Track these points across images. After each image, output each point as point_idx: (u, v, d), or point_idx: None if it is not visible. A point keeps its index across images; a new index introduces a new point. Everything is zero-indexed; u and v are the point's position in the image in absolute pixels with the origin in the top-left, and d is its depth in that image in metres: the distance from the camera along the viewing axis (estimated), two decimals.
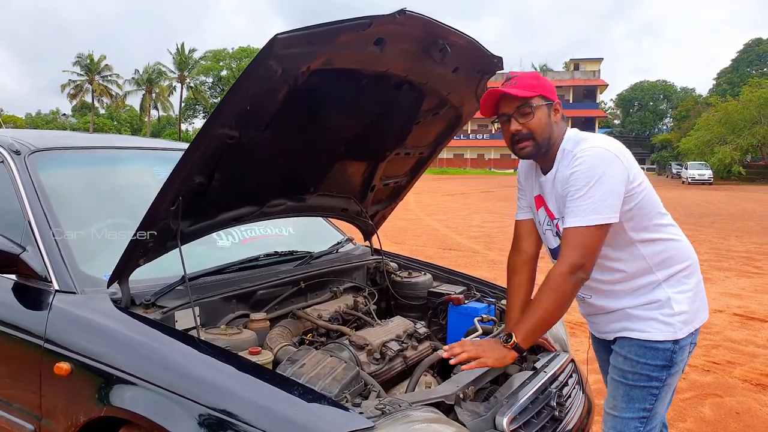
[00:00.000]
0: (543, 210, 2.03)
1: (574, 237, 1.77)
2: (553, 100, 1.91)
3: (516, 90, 1.86)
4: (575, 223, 1.77)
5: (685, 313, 1.88)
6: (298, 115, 2.01)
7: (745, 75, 61.27)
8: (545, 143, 1.90)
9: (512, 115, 1.88)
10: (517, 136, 1.89)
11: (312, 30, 1.64)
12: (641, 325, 1.88)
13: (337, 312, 2.28)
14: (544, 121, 1.88)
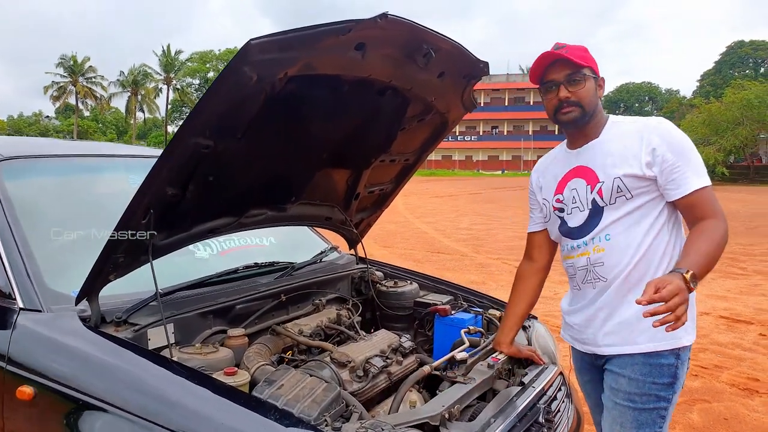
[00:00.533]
0: (577, 182, 1.93)
1: (709, 195, 1.77)
2: (598, 75, 1.90)
3: (571, 56, 1.82)
4: (705, 182, 1.76)
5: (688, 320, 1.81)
6: (277, 123, 1.93)
7: (728, 77, 62.07)
8: (590, 113, 1.87)
9: (562, 83, 1.84)
10: (565, 102, 1.85)
11: (289, 35, 1.56)
12: (641, 336, 1.81)
13: (319, 326, 2.19)
14: (592, 92, 1.86)
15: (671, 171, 1.76)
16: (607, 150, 1.87)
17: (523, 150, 65.93)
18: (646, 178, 1.79)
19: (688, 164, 1.77)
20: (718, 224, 1.72)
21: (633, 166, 1.80)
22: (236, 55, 1.49)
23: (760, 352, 4.91)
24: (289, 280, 2.43)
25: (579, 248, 1.94)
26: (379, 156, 2.57)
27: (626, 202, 1.83)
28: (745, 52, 67.92)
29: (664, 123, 1.83)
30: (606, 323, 1.89)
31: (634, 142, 1.82)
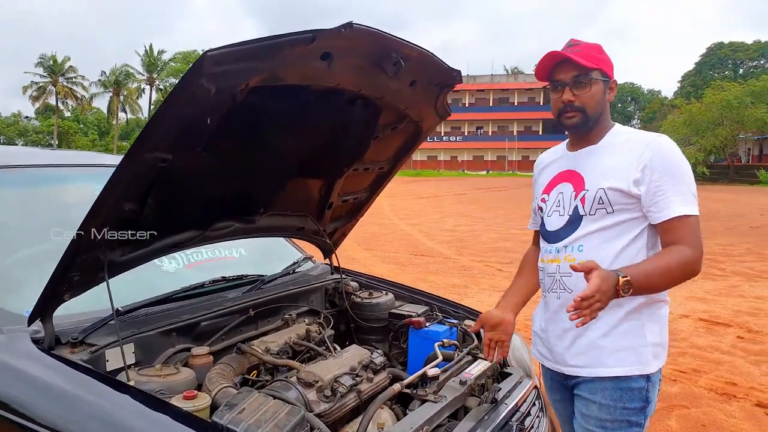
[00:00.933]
0: (565, 186, 1.89)
1: (696, 226, 1.70)
2: (611, 77, 1.83)
3: (579, 57, 1.74)
4: (691, 211, 1.69)
5: (656, 346, 1.78)
6: (242, 134, 1.87)
7: (708, 78, 62.88)
8: (594, 118, 1.81)
9: (567, 84, 1.78)
10: (568, 106, 1.79)
11: (248, 46, 1.51)
12: (610, 359, 1.76)
13: (287, 343, 2.12)
14: (598, 97, 1.79)
15: (656, 192, 1.70)
16: (600, 158, 1.82)
17: (507, 150, 66.22)
18: (631, 195, 1.73)
19: (677, 189, 1.70)
20: (686, 252, 1.66)
21: (620, 180, 1.74)
22: (192, 67, 1.42)
23: (737, 355, 4.93)
24: (259, 293, 2.37)
25: (551, 253, 1.90)
26: (352, 165, 2.51)
27: (606, 215, 1.77)
28: (725, 53, 68.86)
29: (664, 142, 1.76)
30: (574, 343, 1.84)
31: (629, 156, 1.75)
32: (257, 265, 2.66)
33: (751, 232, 13.78)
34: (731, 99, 39.21)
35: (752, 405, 3.90)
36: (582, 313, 1.48)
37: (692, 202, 1.70)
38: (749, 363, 4.73)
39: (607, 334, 1.77)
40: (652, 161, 1.71)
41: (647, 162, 1.71)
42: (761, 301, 6.83)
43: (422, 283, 7.94)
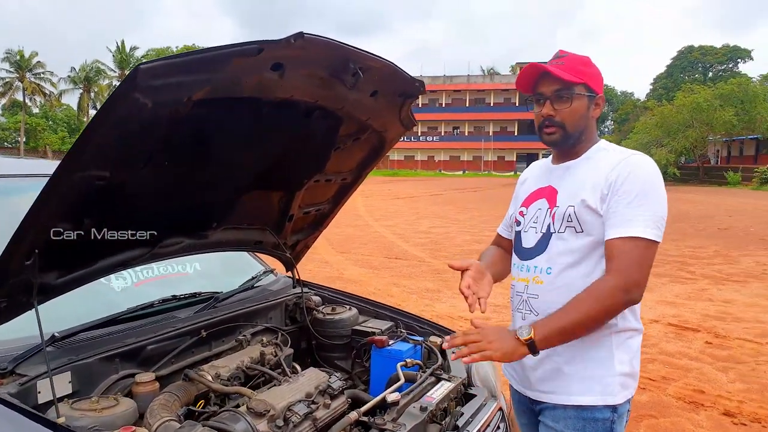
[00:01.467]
0: (542, 202, 1.81)
1: (635, 249, 1.55)
2: (597, 92, 1.73)
3: (561, 71, 1.66)
4: (640, 233, 1.55)
5: (625, 376, 1.70)
6: (188, 149, 1.76)
7: (679, 80, 64.01)
8: (575, 135, 1.73)
9: (548, 98, 1.70)
10: (547, 120, 1.72)
11: (189, 58, 1.41)
12: (575, 387, 1.69)
13: (240, 368, 2.01)
14: (580, 112, 1.71)
15: (609, 212, 1.61)
16: (576, 174, 1.75)
17: (483, 151, 66.56)
18: (598, 214, 1.64)
19: (629, 211, 1.57)
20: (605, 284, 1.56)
21: (588, 197, 1.65)
22: (124, 80, 1.32)
23: (705, 361, 4.95)
24: (213, 312, 2.25)
25: (521, 271, 1.84)
26: (313, 177, 2.42)
27: (575, 234, 1.69)
28: (695, 57, 70.15)
29: (636, 160, 1.65)
30: (540, 367, 1.76)
31: (602, 172, 1.66)
32: (213, 281, 2.55)
33: (719, 234, 13.99)
34: (701, 102, 39.89)
35: (720, 414, 3.89)
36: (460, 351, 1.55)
37: (642, 224, 1.55)
38: (717, 370, 4.75)
39: (573, 360, 1.70)
40: (617, 179, 1.62)
41: (613, 179, 1.62)
42: (728, 304, 6.89)
43: (395, 287, 7.86)
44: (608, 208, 1.61)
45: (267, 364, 2.12)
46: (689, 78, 64.84)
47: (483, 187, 36.96)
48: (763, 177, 33.53)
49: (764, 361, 4.94)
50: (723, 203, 23.33)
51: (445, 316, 6.33)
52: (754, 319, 6.26)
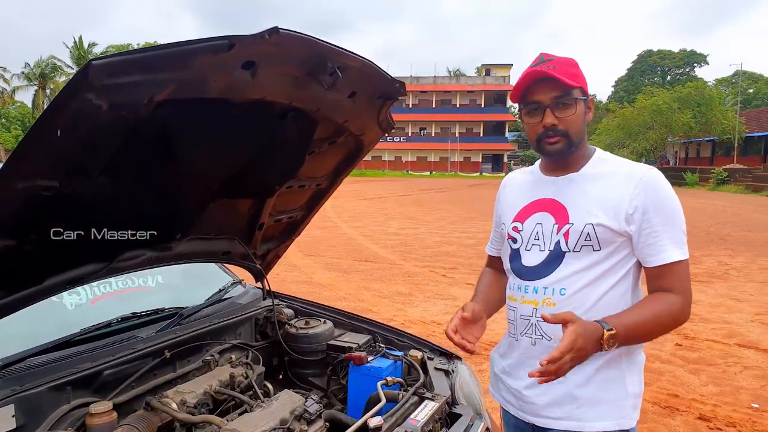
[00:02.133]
0: (544, 217, 1.67)
1: (684, 270, 1.55)
2: (588, 95, 1.63)
3: (562, 75, 1.52)
4: (683, 255, 1.54)
5: (636, 397, 1.62)
6: (148, 156, 1.60)
7: (639, 84, 65.69)
8: (577, 142, 1.62)
9: (548, 106, 1.56)
10: (551, 131, 1.58)
11: (150, 54, 1.24)
12: (589, 412, 1.59)
13: (207, 393, 1.85)
14: (581, 118, 1.60)
15: (650, 234, 1.54)
16: (586, 189, 1.62)
17: (450, 151, 66.91)
18: (621, 234, 1.56)
19: (671, 231, 1.54)
20: (675, 301, 1.53)
21: (611, 217, 1.55)
22: (73, 79, 1.15)
23: (677, 364, 4.94)
24: (177, 330, 2.08)
25: (527, 293, 1.68)
26: (285, 183, 2.27)
27: (592, 253, 1.58)
28: (654, 60, 72.02)
29: (656, 177, 1.57)
30: (548, 392, 1.64)
31: (619, 190, 1.56)
32: (177, 295, 2.38)
33: None
34: (661, 104, 40.88)
35: (695, 418, 3.86)
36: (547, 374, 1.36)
37: (684, 243, 1.56)
38: (689, 372, 4.74)
39: (586, 384, 1.60)
40: (645, 199, 1.54)
41: (641, 199, 1.54)
42: (694, 305, 6.80)
43: (366, 291, 7.72)
44: (645, 230, 1.55)
45: (237, 387, 1.96)
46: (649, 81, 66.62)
47: (450, 187, 37.10)
48: (719, 178, 34.48)
49: (733, 363, 4.97)
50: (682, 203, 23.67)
51: (418, 321, 6.22)
52: (720, 319, 6.32)
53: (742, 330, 5.94)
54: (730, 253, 11.06)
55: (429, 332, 5.70)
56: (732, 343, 5.50)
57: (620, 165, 1.64)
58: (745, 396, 4.28)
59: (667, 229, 1.54)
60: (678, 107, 40.65)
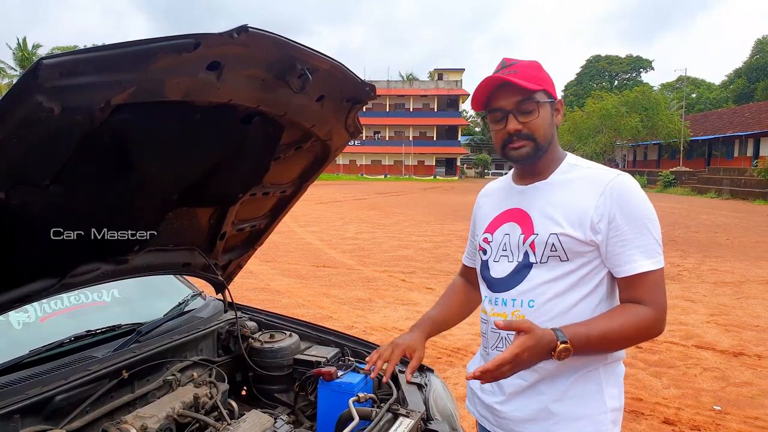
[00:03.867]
0: (512, 227, 1.62)
1: (659, 279, 1.48)
2: (555, 97, 1.57)
3: (521, 80, 1.48)
4: (656, 265, 1.47)
5: (616, 411, 1.56)
6: (104, 164, 1.48)
7: (588, 88, 67.54)
8: (545, 146, 1.56)
9: (511, 112, 1.51)
10: (516, 136, 1.53)
11: (107, 52, 1.14)
12: (566, 429, 1.52)
13: (170, 416, 1.73)
14: (547, 121, 1.55)
15: (618, 243, 1.47)
16: (551, 198, 1.56)
17: (404, 155, 67.26)
18: (588, 243, 1.49)
19: (641, 239, 1.46)
20: (645, 313, 1.45)
21: (575, 226, 1.49)
22: (22, 79, 1.04)
23: (639, 367, 5.01)
24: (135, 348, 1.95)
25: (496, 305, 1.63)
26: (249, 190, 2.17)
27: (560, 263, 1.51)
28: (602, 65, 74.24)
29: (626, 182, 1.50)
30: (523, 407, 1.58)
31: (585, 198, 1.50)
32: (135, 309, 2.24)
33: None
34: (609, 108, 42.14)
35: (660, 422, 3.90)
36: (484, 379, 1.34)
37: (657, 253, 1.48)
38: (650, 375, 4.81)
39: (562, 398, 1.53)
40: (612, 206, 1.47)
41: (607, 207, 1.47)
42: None
43: (325, 298, 7.61)
44: (612, 239, 1.48)
45: (202, 409, 1.84)
46: (597, 86, 68.60)
47: (405, 191, 37.24)
48: (666, 180, 35.73)
49: (693, 365, 5.07)
50: None
51: (380, 327, 6.15)
52: (676, 321, 6.47)
53: (698, 331, 6.08)
54: (681, 254, 11.40)
55: (391, 338, 5.63)
56: (690, 344, 5.62)
57: (589, 171, 1.57)
58: (707, 398, 4.35)
59: (637, 237, 1.47)
60: (626, 111, 41.96)
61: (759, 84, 52.46)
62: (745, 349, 5.48)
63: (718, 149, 40.07)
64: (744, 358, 5.22)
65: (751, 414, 4.05)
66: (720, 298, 7.61)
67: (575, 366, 1.52)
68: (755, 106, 40.08)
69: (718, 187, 29.51)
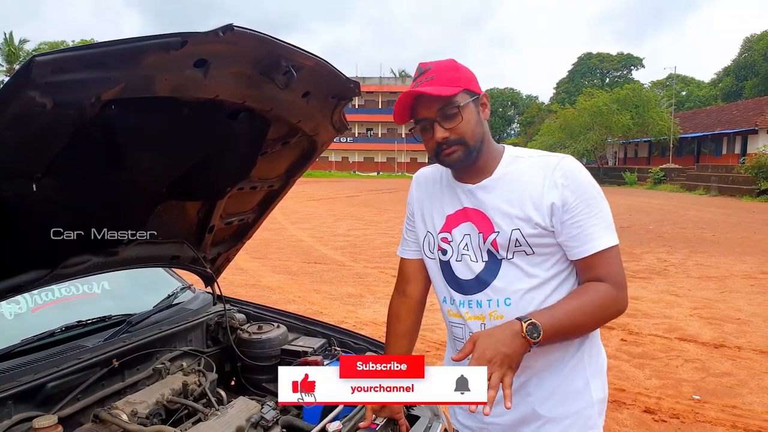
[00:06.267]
0: (469, 227, 1.57)
1: (616, 257, 1.47)
2: (478, 92, 1.52)
3: (435, 89, 1.44)
4: (612, 241, 1.46)
5: (601, 402, 1.55)
6: (95, 157, 1.53)
7: (580, 85, 67.72)
8: (477, 147, 1.51)
9: (435, 120, 1.47)
10: (445, 144, 1.48)
11: (97, 50, 1.19)
12: (555, 429, 1.52)
13: (159, 402, 1.78)
14: (474, 121, 1.49)
15: (574, 225, 1.45)
16: (503, 193, 1.53)
17: (396, 152, 67.31)
18: (549, 231, 1.48)
19: (595, 218, 1.45)
20: (606, 291, 1.44)
21: (534, 215, 1.47)
22: (15, 75, 1.09)
23: (622, 359, 5.11)
24: (125, 338, 2.00)
25: (470, 308, 1.56)
26: (237, 184, 2.22)
27: (527, 257, 1.50)
28: (593, 63, 74.46)
29: (571, 164, 1.50)
30: (506, 414, 1.54)
31: (536, 185, 1.48)
32: (125, 301, 2.29)
33: (622, 233, 14.77)
34: (600, 105, 42.28)
35: (641, 411, 4.00)
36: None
37: (611, 229, 1.48)
38: (634, 367, 4.91)
39: (549, 398, 1.53)
40: (563, 189, 1.46)
41: (559, 190, 1.46)
42: (637, 301, 7.22)
43: (316, 294, 7.67)
44: (568, 220, 1.47)
45: (190, 396, 1.90)
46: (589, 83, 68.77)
47: (398, 188, 37.30)
48: (656, 177, 35.98)
49: (675, 356, 5.18)
50: (623, 202, 24.74)
51: (370, 322, 6.22)
52: (661, 314, 6.58)
53: (682, 324, 6.19)
54: (668, 249, 11.54)
55: (381, 333, 5.69)
56: (673, 337, 5.73)
57: (532, 160, 1.56)
58: (687, 388, 4.46)
59: (591, 217, 1.46)
60: (617, 108, 42.11)
61: (747, 82, 52.84)
62: (726, 341, 5.60)
63: (707, 146, 40.36)
64: (724, 350, 5.34)
65: (729, 403, 4.15)
66: (704, 292, 7.74)
67: (562, 361, 1.53)
68: (743, 104, 40.36)
69: (707, 183, 29.74)
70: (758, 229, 14.91)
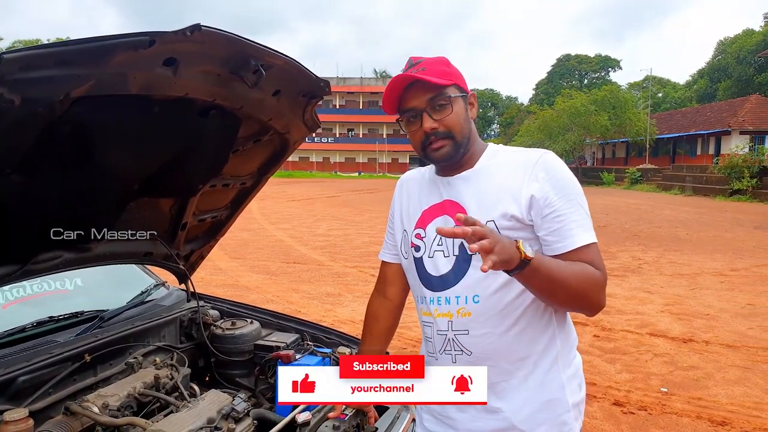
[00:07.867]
0: (446, 219, 1.53)
1: (597, 253, 1.43)
2: (467, 91, 1.52)
3: (430, 76, 1.42)
4: (592, 238, 1.42)
5: (578, 405, 1.52)
6: (65, 153, 1.56)
7: (558, 86, 68.42)
8: (464, 143, 1.49)
9: (424, 110, 1.45)
10: (433, 135, 1.46)
11: (66, 48, 1.23)
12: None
13: (131, 395, 1.81)
14: (462, 116, 1.48)
15: (555, 219, 1.42)
16: (482, 185, 1.50)
17: (378, 153, 67.37)
18: (527, 224, 1.45)
19: (576, 214, 1.42)
20: (597, 274, 1.39)
21: (512, 209, 1.44)
22: None
23: (595, 354, 5.22)
24: (98, 333, 2.02)
25: (439, 305, 1.54)
26: (208, 181, 2.25)
27: None
28: (572, 64, 75.36)
29: (552, 159, 1.47)
30: (483, 417, 1.52)
31: (517, 179, 1.45)
32: (98, 297, 2.30)
33: (599, 231, 14.66)
34: (578, 106, 42.77)
35: (610, 404, 4.10)
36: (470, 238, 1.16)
37: (590, 227, 1.44)
38: (605, 361, 5.02)
39: (522, 407, 1.49)
40: (544, 183, 1.43)
41: (539, 184, 1.43)
42: (611, 298, 7.35)
43: (294, 293, 7.68)
44: (549, 215, 1.43)
45: (162, 389, 1.93)
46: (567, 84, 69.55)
47: (379, 188, 37.34)
48: (633, 177, 36.50)
49: (645, 351, 5.30)
50: (600, 202, 25.06)
51: (348, 320, 6.26)
52: (633, 311, 6.72)
53: (653, 320, 6.34)
54: (642, 248, 11.74)
55: (359, 331, 5.73)
56: (644, 332, 5.85)
57: (514, 154, 1.54)
58: (656, 381, 4.57)
59: (572, 212, 1.43)
60: (595, 109, 42.61)
61: (720, 84, 53.79)
62: (695, 336, 5.74)
63: (683, 147, 41.07)
64: (693, 344, 5.48)
65: (695, 395, 4.27)
66: (676, 289, 7.91)
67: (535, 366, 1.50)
68: (717, 105, 41.15)
69: (682, 183, 30.25)
70: (729, 228, 15.22)
